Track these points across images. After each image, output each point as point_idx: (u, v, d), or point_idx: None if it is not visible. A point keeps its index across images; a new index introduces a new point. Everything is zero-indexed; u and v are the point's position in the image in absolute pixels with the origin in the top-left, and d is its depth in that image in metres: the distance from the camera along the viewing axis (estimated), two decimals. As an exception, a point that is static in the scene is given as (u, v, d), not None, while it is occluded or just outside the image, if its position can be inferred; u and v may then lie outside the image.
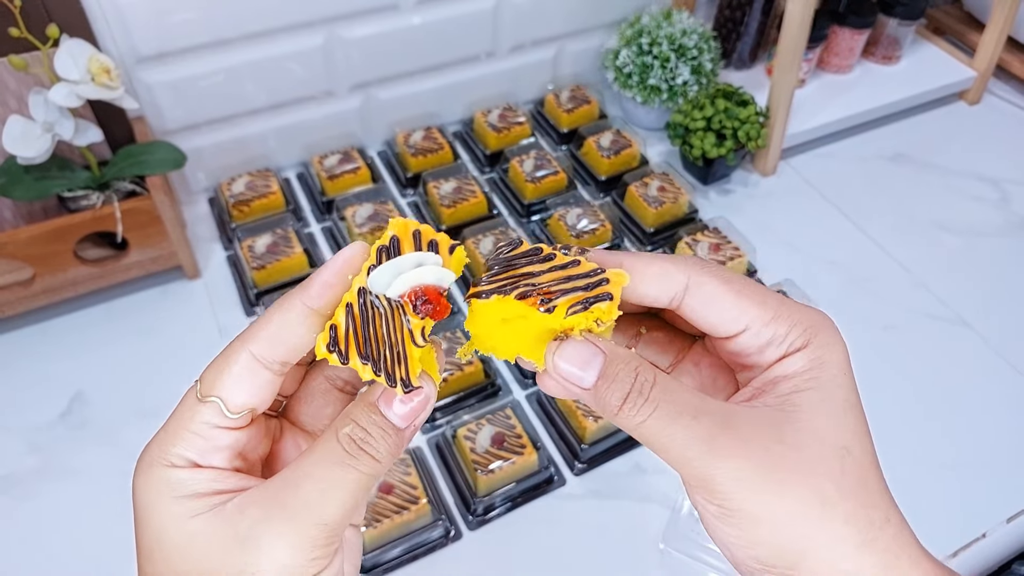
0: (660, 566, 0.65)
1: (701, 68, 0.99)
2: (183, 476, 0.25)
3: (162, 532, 0.25)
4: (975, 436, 0.75)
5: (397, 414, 0.26)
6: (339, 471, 0.25)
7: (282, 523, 0.24)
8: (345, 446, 0.25)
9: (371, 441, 0.25)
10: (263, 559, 0.24)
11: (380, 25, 0.90)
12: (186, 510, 0.25)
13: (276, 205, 0.89)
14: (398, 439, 0.26)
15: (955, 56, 1.15)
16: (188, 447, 0.26)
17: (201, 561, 0.24)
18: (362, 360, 0.25)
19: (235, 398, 0.26)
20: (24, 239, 0.72)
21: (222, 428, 0.26)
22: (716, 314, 0.28)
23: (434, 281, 0.26)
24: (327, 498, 0.24)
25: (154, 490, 0.25)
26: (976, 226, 0.97)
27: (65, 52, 0.68)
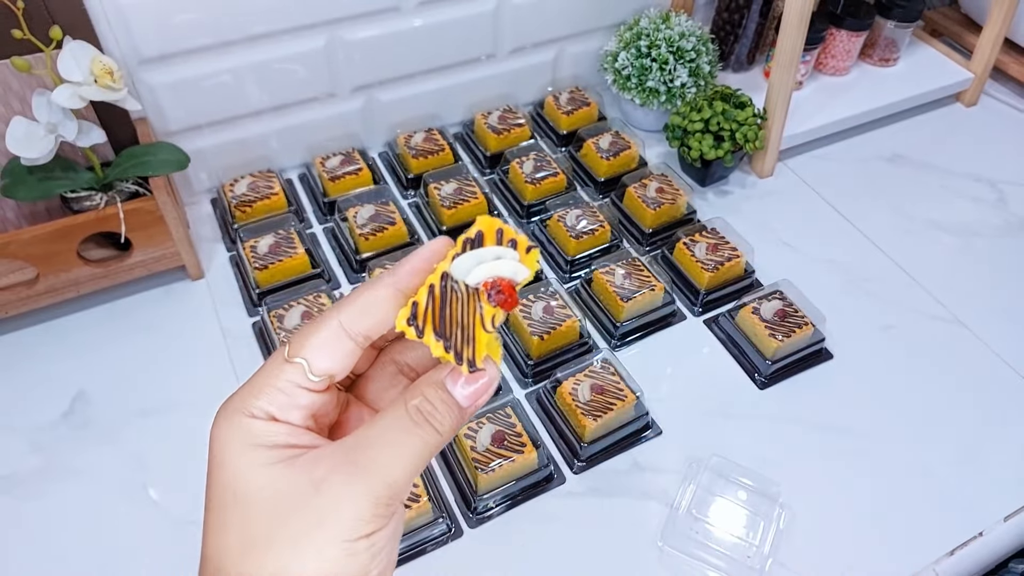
0: (659, 564, 0.65)
1: (699, 70, 1.00)
2: (263, 427, 0.27)
3: (238, 477, 0.27)
4: (973, 435, 0.75)
5: (462, 394, 0.28)
6: (406, 437, 0.27)
7: (353, 477, 0.26)
8: (413, 416, 0.27)
9: (436, 415, 0.27)
10: (334, 508, 0.26)
11: (382, 27, 0.90)
12: (264, 458, 0.27)
13: (278, 206, 0.90)
14: (460, 416, 0.28)
15: (952, 58, 1.16)
16: (270, 401, 0.27)
17: (276, 505, 0.26)
18: (436, 336, 0.27)
19: (319, 362, 0.28)
20: (27, 239, 0.73)
21: (303, 388, 0.28)
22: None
23: (510, 274, 0.28)
24: (394, 460, 0.27)
25: (234, 438, 0.27)
26: (973, 226, 0.97)
27: (68, 54, 0.69)
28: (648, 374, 0.77)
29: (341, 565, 0.26)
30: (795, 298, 0.81)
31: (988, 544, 0.69)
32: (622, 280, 0.81)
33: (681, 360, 0.81)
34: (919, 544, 0.67)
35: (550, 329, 0.76)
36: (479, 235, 0.28)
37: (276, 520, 0.26)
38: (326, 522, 0.26)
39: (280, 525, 0.26)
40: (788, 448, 0.74)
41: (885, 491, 0.71)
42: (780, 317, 0.79)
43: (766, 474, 0.70)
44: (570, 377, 0.73)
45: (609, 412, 0.70)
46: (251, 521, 0.26)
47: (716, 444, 0.73)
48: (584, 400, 0.71)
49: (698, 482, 0.69)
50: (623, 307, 0.79)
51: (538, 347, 0.77)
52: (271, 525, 0.26)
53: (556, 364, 0.78)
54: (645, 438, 0.74)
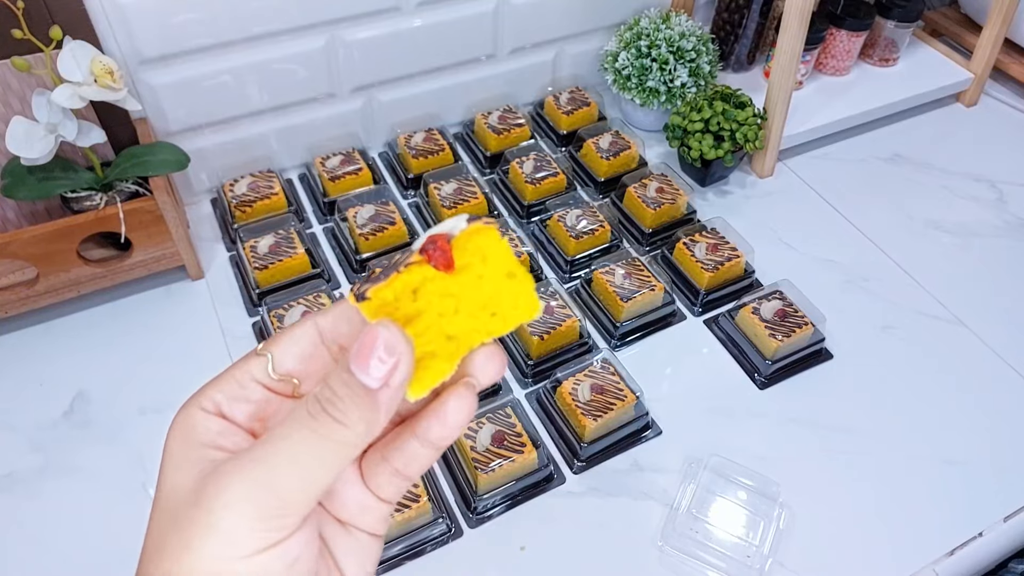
0: (659, 563, 0.65)
1: (699, 70, 1.00)
2: (202, 422, 0.26)
3: (162, 472, 0.25)
4: (972, 435, 0.75)
5: (369, 372, 0.22)
6: (298, 436, 0.23)
7: (234, 484, 0.23)
8: (310, 408, 0.23)
9: (337, 403, 0.23)
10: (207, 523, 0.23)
11: (382, 28, 0.90)
12: (187, 458, 0.25)
13: (278, 206, 0.90)
14: (371, 402, 0.23)
15: (952, 58, 1.16)
16: (222, 390, 0.26)
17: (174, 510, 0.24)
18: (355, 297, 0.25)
19: (285, 360, 0.26)
20: (27, 239, 0.73)
21: (257, 382, 0.26)
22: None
23: (445, 230, 0.26)
24: (282, 464, 0.23)
25: (176, 430, 0.26)
26: (973, 226, 0.97)
27: (68, 54, 0.69)
28: (648, 374, 0.77)
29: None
30: (795, 298, 0.81)
31: (988, 544, 0.69)
32: (622, 280, 0.81)
33: (681, 360, 0.81)
34: (919, 544, 0.67)
35: (550, 329, 0.76)
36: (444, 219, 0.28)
37: (170, 526, 0.23)
38: (199, 541, 0.22)
39: (171, 530, 0.23)
40: (788, 448, 0.74)
41: (885, 491, 0.71)
42: (780, 317, 0.79)
43: (766, 474, 0.70)
44: (570, 377, 0.73)
45: (609, 412, 0.70)
46: (164, 515, 0.24)
47: (716, 444, 0.73)
48: (584, 400, 0.71)
49: (698, 482, 0.69)
50: (623, 307, 0.79)
51: (538, 347, 0.77)
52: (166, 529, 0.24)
53: (556, 364, 0.78)
54: (645, 438, 0.74)
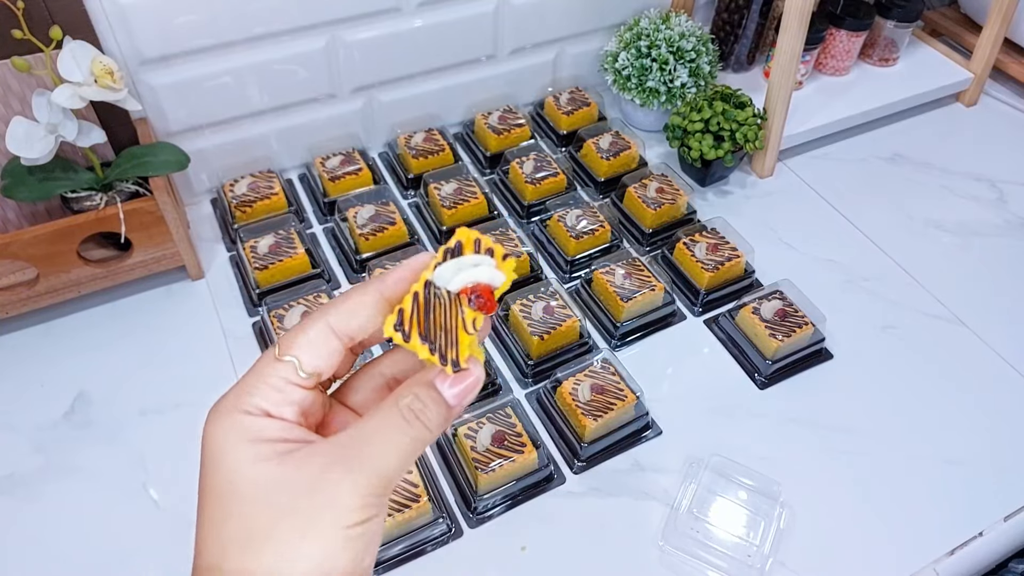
0: (659, 563, 0.65)
1: (699, 70, 1.00)
2: (258, 423, 0.28)
3: (235, 473, 0.28)
4: (972, 435, 0.75)
5: (450, 393, 0.29)
6: (397, 434, 0.29)
7: (348, 470, 0.28)
8: (404, 414, 0.29)
9: (426, 412, 0.29)
10: (331, 498, 0.27)
11: (382, 28, 0.90)
12: (259, 453, 0.28)
13: (278, 206, 0.90)
14: (448, 414, 0.30)
15: (952, 58, 1.16)
16: (264, 398, 0.29)
17: (276, 497, 0.27)
18: (421, 340, 0.29)
19: (309, 360, 0.29)
20: (28, 240, 0.73)
21: (294, 384, 0.29)
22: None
23: (488, 280, 0.30)
24: (386, 454, 0.28)
25: (230, 435, 0.28)
26: (973, 226, 0.97)
27: (68, 54, 0.69)
28: (648, 374, 0.77)
29: (339, 551, 0.27)
30: (795, 298, 0.81)
31: (988, 544, 0.69)
32: (622, 280, 0.81)
33: (681, 360, 0.81)
34: (919, 544, 0.68)
35: (550, 329, 0.76)
36: (458, 245, 0.30)
37: (276, 512, 0.27)
38: (324, 512, 0.27)
39: (280, 516, 0.27)
40: (788, 448, 0.74)
41: (885, 491, 0.71)
42: (780, 317, 0.79)
43: (766, 474, 0.70)
44: (570, 377, 0.73)
45: (609, 412, 0.70)
46: (250, 514, 0.27)
47: (716, 444, 0.73)
48: (584, 400, 0.71)
49: (698, 482, 0.69)
50: (623, 307, 0.79)
51: (538, 347, 0.77)
52: (271, 517, 0.27)
53: (556, 364, 0.78)
54: (645, 438, 0.74)
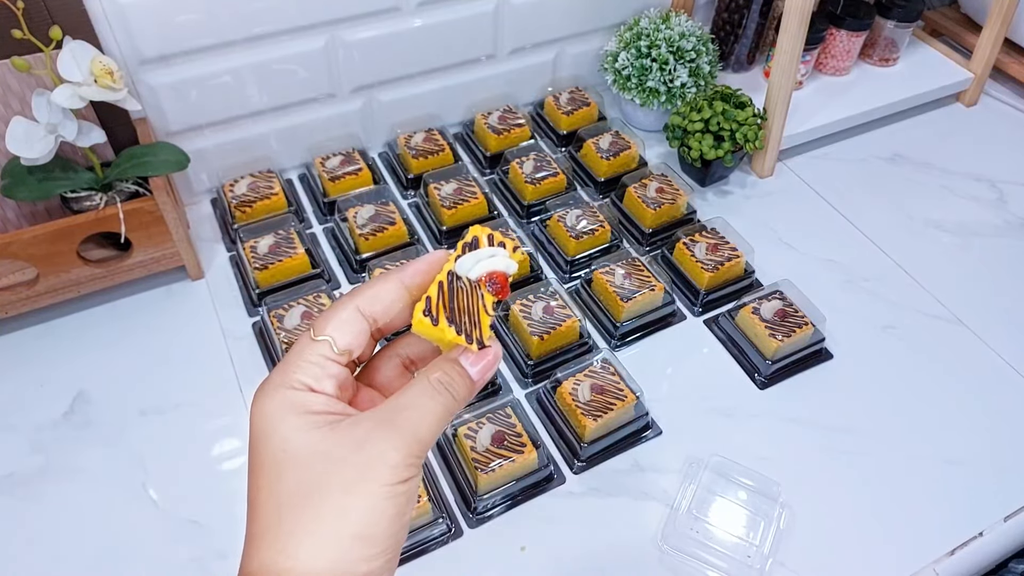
0: (659, 564, 0.65)
1: (699, 70, 1.00)
2: (304, 396, 0.32)
3: (287, 442, 0.31)
4: (972, 435, 0.75)
5: (474, 369, 0.34)
6: (431, 402, 0.32)
7: (392, 434, 0.31)
8: (435, 386, 0.33)
9: (453, 384, 0.33)
10: (377, 459, 0.31)
11: (381, 28, 0.90)
12: (308, 422, 0.31)
13: (278, 206, 0.90)
14: (471, 387, 0.34)
15: (952, 58, 1.16)
16: (305, 374, 0.32)
17: (327, 459, 0.30)
18: (448, 323, 0.33)
19: (342, 338, 0.33)
20: (28, 240, 0.73)
21: (332, 360, 0.33)
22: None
23: (503, 268, 0.34)
24: (422, 420, 0.32)
25: (278, 408, 0.31)
26: (973, 226, 0.97)
27: (68, 54, 0.69)
28: (648, 374, 0.77)
29: (385, 505, 0.30)
30: (795, 298, 0.81)
31: (988, 544, 0.69)
32: (622, 280, 0.81)
33: (681, 360, 0.81)
34: (919, 544, 0.67)
35: (550, 329, 0.76)
36: (475, 240, 0.35)
37: (328, 469, 0.30)
38: (371, 471, 0.30)
39: (332, 472, 0.30)
40: (788, 448, 0.74)
41: (885, 491, 0.71)
42: (780, 317, 0.79)
43: (766, 474, 0.70)
44: (570, 377, 0.73)
45: (609, 412, 0.70)
46: (304, 474, 0.30)
47: (716, 444, 0.73)
48: (584, 400, 0.71)
49: (698, 482, 0.69)
50: (623, 307, 0.79)
51: (538, 347, 0.77)
52: (323, 473, 0.30)
53: (556, 364, 0.78)
54: (645, 438, 0.74)
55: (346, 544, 0.30)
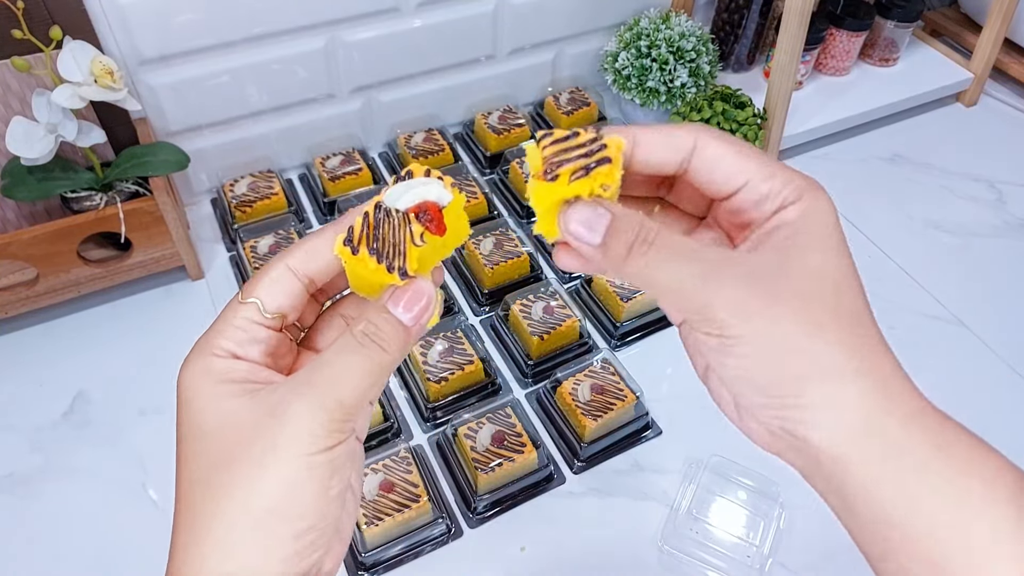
0: (659, 564, 0.65)
1: (699, 70, 1.00)
2: (224, 364, 0.30)
3: (204, 412, 0.29)
4: (972, 435, 0.75)
5: (402, 313, 0.30)
6: (354, 357, 0.29)
7: (306, 396, 0.28)
8: (359, 339, 0.29)
9: (380, 334, 0.29)
10: (290, 425, 0.28)
11: (381, 28, 0.90)
12: (226, 391, 0.29)
13: (278, 206, 0.90)
14: (405, 334, 0.30)
15: (952, 58, 1.16)
16: (229, 339, 0.30)
17: (239, 431, 0.28)
18: (369, 252, 0.29)
19: (271, 301, 0.30)
20: (27, 240, 0.73)
21: (259, 324, 0.30)
22: (720, 171, 0.30)
23: (435, 197, 0.31)
24: (343, 379, 0.28)
25: (199, 377, 0.29)
26: (973, 227, 0.97)
27: (68, 54, 0.69)
28: (648, 374, 0.77)
29: (303, 478, 0.27)
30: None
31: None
32: (623, 280, 0.81)
33: (681, 360, 0.80)
34: (919, 544, 0.67)
35: (550, 329, 0.76)
36: (409, 172, 0.31)
37: (240, 444, 0.28)
38: (283, 439, 0.27)
39: (244, 447, 0.28)
40: (788, 448, 0.73)
41: (885, 491, 0.71)
42: (780, 317, 0.79)
43: (766, 474, 0.70)
44: (570, 377, 0.73)
45: (609, 412, 0.70)
46: (214, 448, 0.28)
47: (716, 444, 0.73)
48: (584, 400, 0.71)
49: (698, 482, 0.69)
50: (623, 307, 0.79)
51: (538, 347, 0.77)
52: (235, 448, 0.28)
53: (556, 364, 0.78)
54: (645, 438, 0.74)
55: (261, 521, 0.27)
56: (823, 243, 0.29)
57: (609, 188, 0.29)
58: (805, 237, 0.29)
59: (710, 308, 0.28)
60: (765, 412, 0.29)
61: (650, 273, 0.29)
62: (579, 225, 0.29)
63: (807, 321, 0.27)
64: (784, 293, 0.28)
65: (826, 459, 0.28)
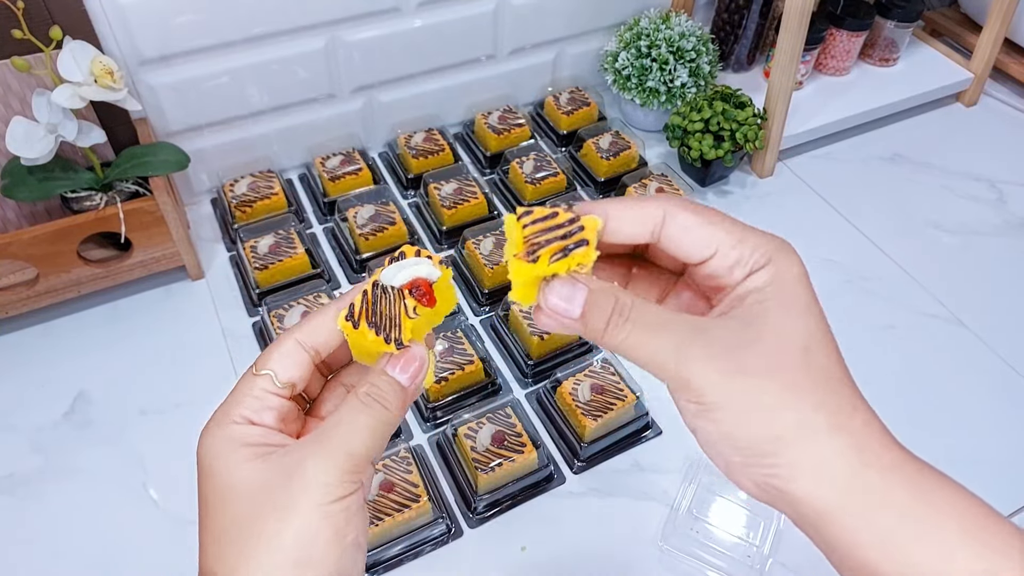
0: (659, 564, 0.65)
1: (699, 70, 1.00)
2: (242, 430, 0.32)
3: (221, 477, 0.31)
4: (972, 435, 0.75)
5: (399, 374, 0.33)
6: (359, 416, 0.32)
7: (319, 453, 0.31)
8: (362, 399, 0.32)
9: (382, 394, 0.32)
10: (305, 481, 0.30)
11: (381, 28, 0.90)
12: (245, 454, 0.31)
13: (278, 206, 0.90)
14: (403, 394, 0.33)
15: (952, 58, 1.16)
16: (246, 407, 0.32)
17: (259, 489, 0.30)
18: (368, 326, 0.33)
19: (283, 372, 0.33)
20: (28, 240, 0.73)
21: (272, 393, 0.33)
22: (689, 240, 0.32)
23: (425, 275, 0.34)
24: (351, 434, 0.31)
25: (219, 442, 0.31)
26: (973, 226, 0.97)
27: (68, 54, 0.69)
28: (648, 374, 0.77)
29: (320, 527, 0.30)
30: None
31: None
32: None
33: (681, 360, 0.81)
34: (919, 544, 0.67)
35: (550, 329, 0.76)
36: (402, 253, 0.35)
37: (262, 501, 0.30)
38: (301, 493, 0.30)
39: (266, 503, 0.30)
40: (788, 448, 0.73)
41: (885, 491, 0.71)
42: (780, 317, 0.79)
43: (766, 474, 0.69)
44: (570, 377, 0.73)
45: (609, 412, 0.70)
46: (236, 511, 0.30)
47: (716, 444, 0.73)
48: (584, 400, 0.71)
49: (698, 482, 0.69)
50: (623, 307, 0.79)
51: (538, 347, 0.77)
52: (253, 508, 0.30)
53: (556, 364, 0.78)
54: (645, 438, 0.74)
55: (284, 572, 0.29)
56: (791, 306, 0.30)
57: (585, 267, 0.32)
58: (773, 302, 0.30)
59: (685, 378, 0.30)
60: (747, 471, 0.30)
61: (628, 347, 0.31)
62: (559, 300, 0.31)
63: (779, 383, 0.29)
64: (755, 358, 0.29)
65: (811, 512, 0.29)
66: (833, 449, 0.29)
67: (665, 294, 0.36)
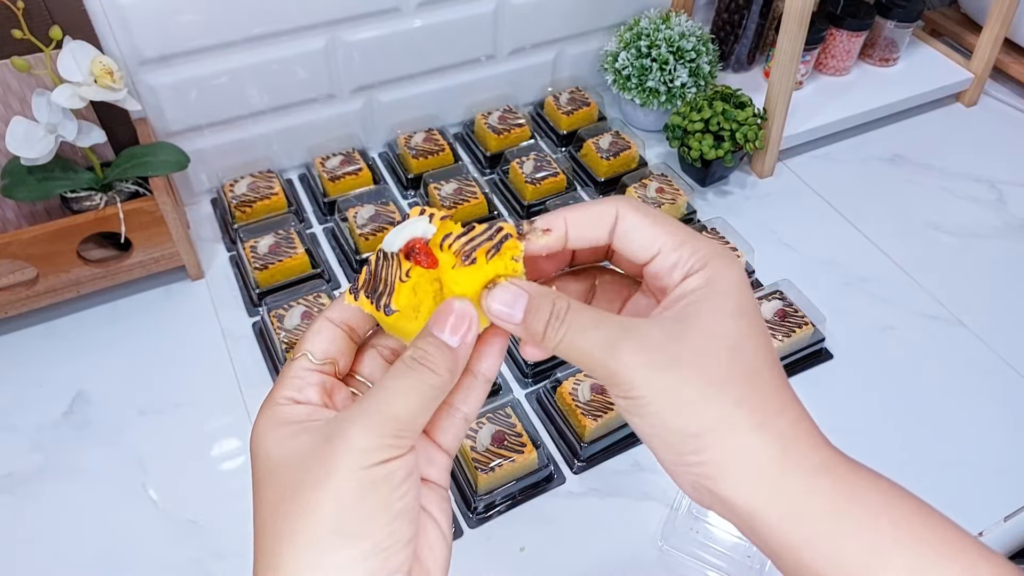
0: (659, 564, 0.65)
1: (699, 70, 1.00)
2: (285, 410, 0.32)
3: (271, 452, 0.31)
4: (972, 435, 0.75)
5: (445, 335, 0.32)
6: (403, 379, 0.31)
7: (359, 417, 0.30)
8: (408, 363, 0.31)
9: (428, 357, 0.31)
10: (345, 447, 0.29)
11: (381, 28, 0.90)
12: (286, 433, 0.31)
13: (278, 206, 0.90)
14: (452, 354, 0.31)
15: (952, 58, 1.16)
16: (288, 388, 0.32)
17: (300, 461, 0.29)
18: (366, 295, 0.32)
19: (317, 349, 0.33)
20: (27, 239, 0.73)
21: (312, 371, 0.33)
22: (636, 240, 0.33)
23: (420, 233, 0.33)
24: (395, 399, 0.30)
25: (264, 424, 0.31)
26: (973, 227, 0.97)
27: (68, 54, 0.69)
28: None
29: (360, 493, 0.28)
30: (795, 298, 0.81)
31: (988, 544, 0.68)
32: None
33: (681, 360, 0.81)
34: (919, 544, 0.67)
35: (550, 329, 0.76)
36: (404, 217, 0.34)
37: (302, 472, 0.29)
38: (338, 459, 0.29)
39: (305, 473, 0.29)
40: (788, 448, 0.73)
41: (885, 491, 0.71)
42: (780, 317, 0.79)
43: (766, 474, 0.69)
44: (570, 377, 0.73)
45: (609, 412, 0.70)
46: (282, 479, 0.30)
47: (716, 444, 0.73)
48: (584, 400, 0.71)
49: (698, 482, 0.69)
50: (623, 307, 0.79)
51: (538, 347, 0.76)
52: (298, 477, 0.29)
53: (556, 364, 0.78)
54: (645, 438, 0.74)
55: (326, 543, 0.28)
56: (722, 309, 0.31)
57: (519, 259, 0.33)
58: (705, 303, 0.31)
59: (615, 372, 0.30)
60: (679, 469, 0.31)
61: (565, 346, 0.31)
62: (501, 305, 0.32)
63: (703, 381, 0.30)
64: (681, 355, 0.30)
65: (741, 512, 0.29)
66: (757, 447, 0.29)
67: (626, 301, 0.37)
